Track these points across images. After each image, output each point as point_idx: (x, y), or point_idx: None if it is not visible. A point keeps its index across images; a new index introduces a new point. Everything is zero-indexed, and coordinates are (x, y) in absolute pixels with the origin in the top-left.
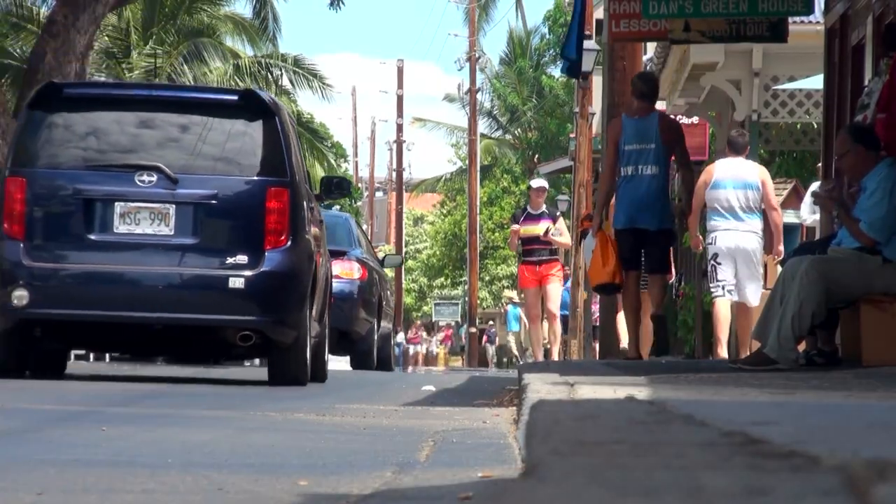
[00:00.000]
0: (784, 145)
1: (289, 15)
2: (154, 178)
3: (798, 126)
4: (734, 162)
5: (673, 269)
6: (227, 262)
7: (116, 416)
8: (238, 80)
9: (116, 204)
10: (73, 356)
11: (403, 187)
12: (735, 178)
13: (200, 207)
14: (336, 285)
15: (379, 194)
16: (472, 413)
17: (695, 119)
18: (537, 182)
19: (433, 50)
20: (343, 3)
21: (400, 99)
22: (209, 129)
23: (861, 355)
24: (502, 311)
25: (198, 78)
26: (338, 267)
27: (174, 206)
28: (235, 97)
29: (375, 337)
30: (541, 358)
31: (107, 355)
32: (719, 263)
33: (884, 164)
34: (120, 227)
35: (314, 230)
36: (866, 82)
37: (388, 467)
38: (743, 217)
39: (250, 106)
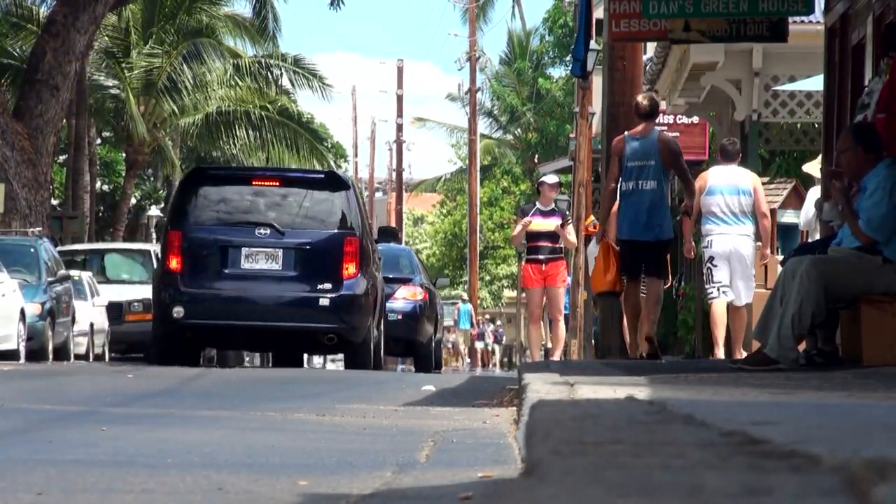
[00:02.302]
0: (784, 145)
1: (289, 15)
2: (267, 231)
3: (798, 126)
4: (727, 169)
5: (670, 275)
6: (317, 287)
7: (116, 416)
8: (238, 80)
9: (243, 249)
10: (73, 356)
11: (403, 187)
12: (729, 184)
13: (299, 251)
14: (404, 305)
15: (379, 194)
16: (471, 413)
17: (695, 119)
18: (552, 178)
19: (433, 50)
20: (343, 2)
21: (400, 99)
22: (304, 197)
23: (861, 355)
24: (500, 311)
25: (197, 77)
26: (405, 291)
27: (282, 250)
28: (322, 175)
29: (434, 345)
30: (538, 359)
31: (106, 356)
32: (715, 266)
33: (883, 165)
34: (245, 265)
35: (374, 265)
36: (866, 82)
37: (388, 467)
38: (736, 221)
39: (332, 181)
